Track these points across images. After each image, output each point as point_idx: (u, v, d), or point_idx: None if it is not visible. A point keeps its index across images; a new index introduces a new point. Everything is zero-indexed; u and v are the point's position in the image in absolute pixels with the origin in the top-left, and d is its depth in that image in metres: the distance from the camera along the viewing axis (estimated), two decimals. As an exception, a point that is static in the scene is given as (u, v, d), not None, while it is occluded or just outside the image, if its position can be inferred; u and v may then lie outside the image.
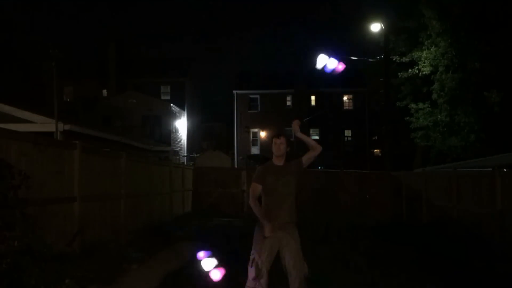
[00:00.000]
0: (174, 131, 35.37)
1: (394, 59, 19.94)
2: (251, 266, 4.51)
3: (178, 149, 35.51)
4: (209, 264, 4.59)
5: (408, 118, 19.44)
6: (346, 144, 39.25)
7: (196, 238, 10.87)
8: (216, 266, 4.58)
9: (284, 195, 4.59)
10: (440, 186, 12.18)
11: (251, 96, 39.61)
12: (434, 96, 17.94)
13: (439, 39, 17.33)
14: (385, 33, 19.64)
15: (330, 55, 4.52)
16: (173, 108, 35.22)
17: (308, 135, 41.23)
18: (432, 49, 17.63)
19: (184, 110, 38.26)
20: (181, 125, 37.61)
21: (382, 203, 16.53)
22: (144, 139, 24.48)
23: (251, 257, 4.56)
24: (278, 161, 4.74)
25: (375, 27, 19.76)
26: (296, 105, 38.66)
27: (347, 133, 39.75)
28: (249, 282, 4.54)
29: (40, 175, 5.76)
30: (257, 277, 4.47)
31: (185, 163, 32.29)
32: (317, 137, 38.98)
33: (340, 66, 4.50)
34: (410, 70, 18.63)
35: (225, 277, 4.61)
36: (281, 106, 39.03)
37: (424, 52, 17.89)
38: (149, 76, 37.79)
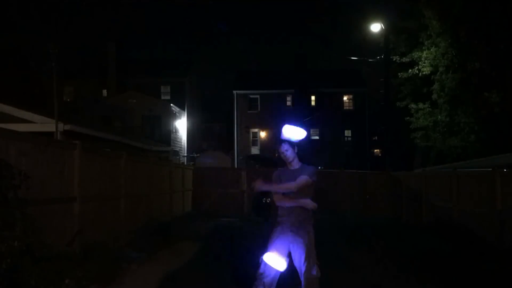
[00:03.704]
0: (174, 131, 35.37)
1: (394, 59, 19.95)
2: (261, 262, 4.59)
3: (178, 149, 35.50)
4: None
5: (408, 118, 19.45)
6: (346, 144, 39.22)
7: (196, 238, 10.89)
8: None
9: (292, 197, 4.61)
10: (440, 186, 12.18)
11: (251, 96, 39.58)
12: (434, 96, 17.95)
13: (439, 39, 17.33)
14: (385, 33, 19.66)
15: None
16: (173, 108, 35.21)
17: (308, 135, 41.06)
18: (432, 49, 17.63)
19: (184, 110, 38.25)
20: (181, 125, 37.61)
21: (382, 203, 16.54)
22: (144, 139, 24.47)
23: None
24: (290, 166, 4.78)
25: (375, 27, 19.79)
26: (296, 105, 38.65)
27: (347, 133, 39.71)
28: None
29: (40, 175, 5.75)
30: (260, 274, 4.52)
31: (185, 163, 32.27)
32: (317, 137, 39.00)
33: None
34: (410, 70, 18.64)
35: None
36: (281, 106, 39.01)
37: (424, 52, 17.90)
38: (149, 76, 37.76)
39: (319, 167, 31.89)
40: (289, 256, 4.60)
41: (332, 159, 33.18)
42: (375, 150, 41.61)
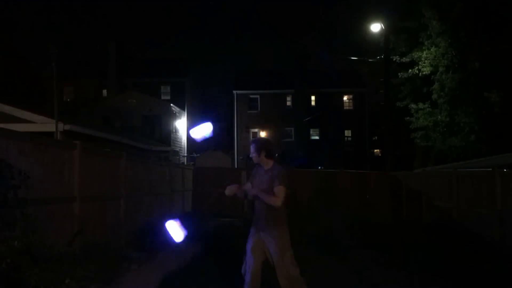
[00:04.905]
0: (174, 131, 35.37)
1: (394, 59, 19.94)
2: (243, 264, 4.70)
3: (178, 149, 35.51)
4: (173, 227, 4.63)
5: (408, 118, 19.44)
6: (346, 144, 39.23)
7: (196, 238, 10.87)
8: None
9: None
10: (440, 186, 12.17)
11: (251, 96, 39.59)
12: (434, 96, 17.94)
13: (439, 39, 17.33)
14: (385, 33, 19.65)
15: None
16: (173, 108, 35.21)
17: (308, 135, 40.95)
18: (432, 49, 17.63)
19: (184, 110, 38.25)
20: (181, 125, 37.61)
21: (382, 203, 16.52)
22: (144, 139, 24.47)
23: None
24: (264, 165, 4.79)
25: (375, 27, 19.77)
26: (296, 105, 38.65)
27: (347, 133, 39.73)
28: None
29: (40, 175, 5.75)
30: (245, 275, 4.62)
31: (185, 163, 32.29)
32: (317, 137, 39.00)
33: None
34: (410, 70, 18.63)
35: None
36: (281, 106, 39.03)
37: (424, 52, 17.90)
38: (149, 76, 37.78)
39: (319, 167, 31.87)
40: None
41: (332, 159, 33.17)
42: (375, 150, 41.62)
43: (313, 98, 39.58)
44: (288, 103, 39.50)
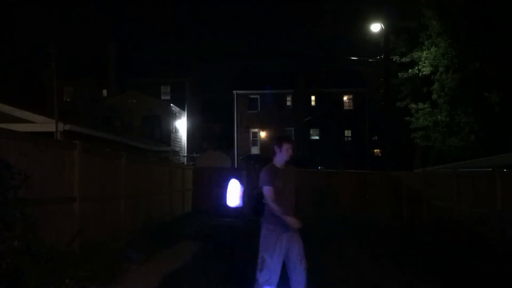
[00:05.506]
0: (174, 131, 35.37)
1: (394, 59, 19.94)
2: (261, 271, 4.51)
3: (178, 149, 35.51)
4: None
5: (408, 118, 19.44)
6: (346, 144, 39.23)
7: (196, 238, 10.88)
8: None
9: (290, 197, 4.71)
10: (440, 186, 12.17)
11: (251, 96, 39.57)
12: (434, 96, 17.94)
13: (439, 39, 17.33)
14: (385, 33, 19.65)
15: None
16: (173, 108, 35.21)
17: (308, 135, 40.80)
18: (432, 49, 17.62)
19: (184, 110, 38.25)
20: (181, 125, 37.61)
21: (382, 203, 16.53)
22: (144, 139, 24.48)
23: (260, 260, 4.56)
24: (281, 165, 4.76)
25: (375, 27, 19.76)
26: (296, 105, 38.65)
27: (347, 133, 39.72)
28: (259, 286, 4.52)
29: (40, 175, 5.75)
30: (267, 282, 4.47)
31: (185, 163, 32.29)
32: (317, 137, 39.01)
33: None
34: (410, 70, 18.62)
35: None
36: (281, 106, 39.02)
37: (424, 52, 17.89)
38: (149, 76, 37.77)
39: (319, 167, 31.87)
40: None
41: (332, 159, 33.15)
42: (375, 150, 41.60)
43: (313, 98, 39.57)
44: (288, 103, 39.49)
